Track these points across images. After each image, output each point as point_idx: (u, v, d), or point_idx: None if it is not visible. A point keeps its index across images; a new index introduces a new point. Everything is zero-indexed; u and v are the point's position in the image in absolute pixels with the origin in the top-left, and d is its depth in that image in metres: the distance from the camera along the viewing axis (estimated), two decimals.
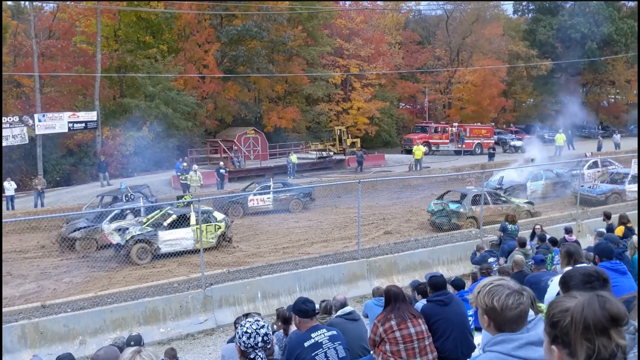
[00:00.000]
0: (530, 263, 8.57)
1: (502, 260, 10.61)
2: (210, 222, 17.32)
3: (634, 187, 20.23)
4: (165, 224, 16.78)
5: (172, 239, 16.60)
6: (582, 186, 20.44)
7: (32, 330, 9.48)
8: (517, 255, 8.72)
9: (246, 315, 4.84)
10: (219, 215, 17.96)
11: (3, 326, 9.38)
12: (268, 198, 23.19)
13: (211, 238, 17.23)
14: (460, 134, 41.38)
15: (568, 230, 11.14)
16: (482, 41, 51.68)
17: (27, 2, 34.39)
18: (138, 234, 16.33)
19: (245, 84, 40.56)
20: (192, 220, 16.80)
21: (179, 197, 19.73)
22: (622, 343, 1.68)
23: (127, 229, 16.78)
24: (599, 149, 37.78)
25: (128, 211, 18.41)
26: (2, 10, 34.00)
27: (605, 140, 41.47)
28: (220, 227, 17.51)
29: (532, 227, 12.37)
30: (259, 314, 5.15)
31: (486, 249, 11.77)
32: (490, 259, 10.80)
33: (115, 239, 16.25)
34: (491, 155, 36.00)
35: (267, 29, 39.22)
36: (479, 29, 51.30)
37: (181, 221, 16.75)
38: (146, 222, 17.31)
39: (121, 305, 10.32)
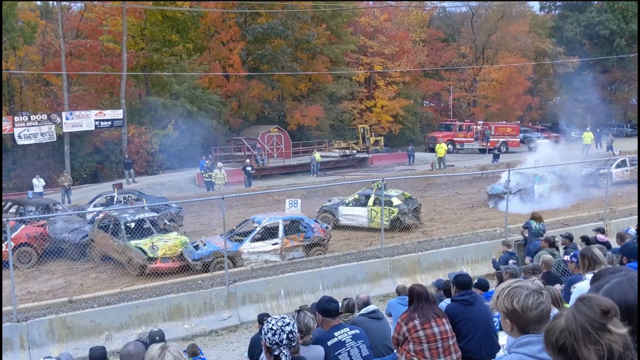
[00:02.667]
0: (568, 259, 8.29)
1: (527, 259, 10.44)
2: (386, 207, 17.73)
3: None
4: (347, 200, 18.96)
5: (349, 214, 18.82)
6: None
7: (60, 325, 9.64)
8: (546, 255, 8.54)
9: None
10: (396, 201, 18.38)
11: (32, 320, 9.57)
12: None
13: (385, 220, 17.55)
14: (485, 132, 40.98)
15: (599, 230, 10.86)
16: (508, 38, 51.06)
17: (55, 3, 34.96)
18: (328, 205, 19.30)
19: (269, 82, 40.71)
20: (370, 201, 18.11)
21: (374, 182, 20.29)
22: (623, 331, 1.68)
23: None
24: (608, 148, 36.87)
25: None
26: (32, 10, 34.63)
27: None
28: (393, 212, 18.00)
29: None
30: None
31: (510, 250, 11.60)
32: (511, 261, 10.64)
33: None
34: (496, 156, 35.28)
35: (292, 27, 39.30)
36: (505, 26, 50.68)
37: (363, 201, 18.74)
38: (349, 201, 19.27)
39: (146, 301, 10.44)
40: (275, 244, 14.52)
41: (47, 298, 12.38)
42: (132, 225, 15.35)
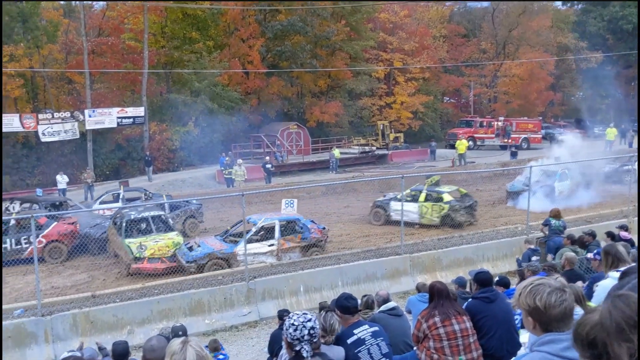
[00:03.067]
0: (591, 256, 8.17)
1: (549, 257, 10.33)
2: (437, 203, 17.90)
3: None
4: (399, 195, 18.39)
5: (400, 209, 17.69)
6: None
7: (83, 320, 9.78)
8: (569, 253, 8.42)
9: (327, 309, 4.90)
10: (447, 197, 18.30)
11: (57, 314, 9.72)
12: None
13: (435, 217, 17.89)
14: (507, 129, 40.58)
15: (623, 228, 10.69)
16: (530, 33, 50.48)
17: (78, 2, 35.38)
18: (381, 200, 19.36)
19: (289, 79, 40.77)
20: (421, 197, 18.03)
21: (427, 177, 20.32)
22: None
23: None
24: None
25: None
26: (55, 9, 35.04)
27: None
28: (444, 209, 17.98)
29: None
30: None
31: (532, 246, 11.49)
32: (534, 258, 10.53)
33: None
34: (514, 154, 34.82)
35: (311, 24, 39.29)
36: (526, 21, 50.09)
37: (415, 197, 18.71)
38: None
39: (167, 297, 10.54)
40: (271, 245, 14.08)
41: (71, 293, 12.58)
42: (133, 222, 15.18)
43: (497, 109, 49.58)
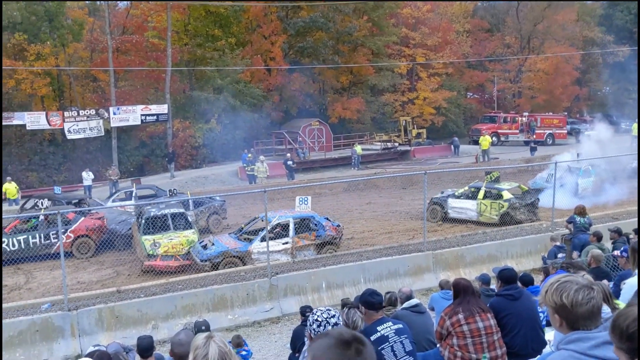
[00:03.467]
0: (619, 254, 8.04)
1: (575, 254, 10.19)
2: (496, 200, 17.58)
3: None
4: (457, 192, 18.95)
5: (459, 207, 18.47)
6: None
7: (109, 314, 9.92)
8: (595, 250, 8.29)
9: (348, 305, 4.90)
10: (506, 195, 17.86)
11: (82, 309, 9.87)
12: None
13: (494, 215, 17.65)
14: (531, 124, 40.06)
15: None
16: (555, 27, 49.71)
17: (102, 1, 35.81)
18: (438, 197, 19.11)
19: (311, 76, 40.76)
20: (480, 194, 17.82)
21: (487, 173, 19.91)
22: None
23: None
24: None
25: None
26: (80, 8, 35.46)
27: None
28: (503, 207, 17.60)
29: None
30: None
31: (558, 243, 11.35)
32: (560, 255, 10.40)
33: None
34: (533, 149, 34.21)
35: (333, 20, 39.23)
36: (552, 14, 49.33)
37: (473, 194, 18.39)
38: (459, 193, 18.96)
39: (191, 292, 10.63)
40: (285, 243, 13.95)
41: (97, 288, 12.77)
42: (151, 219, 15.29)
43: (522, 104, 48.94)
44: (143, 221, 15.33)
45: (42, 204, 17.37)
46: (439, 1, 48.02)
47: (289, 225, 14.32)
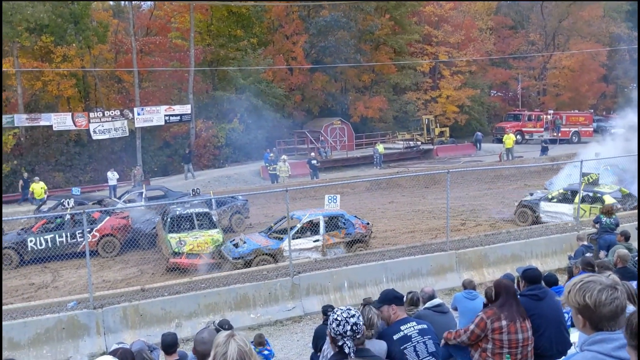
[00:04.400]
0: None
1: (602, 254, 10.01)
2: (596, 204, 16.43)
3: None
4: (550, 195, 17.89)
5: (552, 211, 17.46)
6: None
7: (133, 313, 10.03)
8: (622, 250, 8.14)
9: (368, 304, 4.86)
10: (608, 199, 16.61)
11: (107, 307, 10.00)
12: None
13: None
14: (556, 122, 39.54)
15: None
16: (581, 24, 48.97)
17: (126, 2, 36.23)
18: (528, 199, 18.16)
19: (332, 75, 40.75)
20: (577, 198, 16.43)
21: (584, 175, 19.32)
22: None
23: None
24: None
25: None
26: (105, 10, 35.87)
27: None
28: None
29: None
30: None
31: (585, 242, 11.16)
32: (587, 254, 10.21)
33: None
34: (544, 149, 33.57)
35: (355, 19, 39.16)
36: (577, 10, 48.60)
37: (568, 197, 17.30)
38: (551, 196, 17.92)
39: (214, 291, 10.69)
40: (316, 240, 14.13)
41: (121, 286, 12.94)
42: (177, 218, 15.66)
43: (546, 102, 48.34)
44: (169, 220, 15.61)
45: (68, 204, 17.66)
46: (461, 0, 47.64)
47: (319, 223, 14.38)
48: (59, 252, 15.72)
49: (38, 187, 24.09)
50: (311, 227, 14.63)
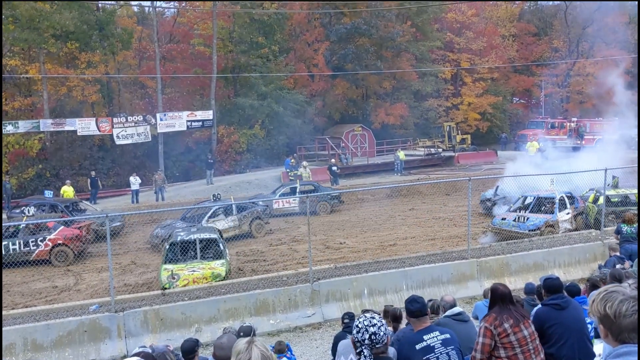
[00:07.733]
0: None
1: (627, 264, 9.84)
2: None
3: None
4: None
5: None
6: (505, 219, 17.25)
7: (153, 317, 10.11)
8: None
9: (366, 311, 4.84)
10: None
11: (128, 311, 10.09)
12: (294, 200, 22.63)
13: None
14: (580, 130, 39.02)
15: None
16: (605, 30, 48.34)
17: (150, 9, 36.72)
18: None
19: (354, 81, 40.78)
20: (600, 200, 16.06)
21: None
22: None
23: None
24: None
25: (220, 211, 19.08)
26: (129, 17, 36.37)
27: None
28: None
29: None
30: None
31: (618, 253, 10.95)
32: (618, 265, 10.03)
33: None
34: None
35: (376, 26, 39.18)
36: (601, 17, 48.01)
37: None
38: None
39: (234, 296, 10.72)
40: (567, 213, 16.70)
41: (142, 290, 13.02)
42: (175, 245, 13.74)
43: (570, 109, 47.77)
44: (167, 246, 13.68)
45: (28, 212, 17.63)
46: (484, 0, 47.35)
47: (553, 200, 16.94)
48: (11, 260, 15.57)
49: (69, 191, 24.47)
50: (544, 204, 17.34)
